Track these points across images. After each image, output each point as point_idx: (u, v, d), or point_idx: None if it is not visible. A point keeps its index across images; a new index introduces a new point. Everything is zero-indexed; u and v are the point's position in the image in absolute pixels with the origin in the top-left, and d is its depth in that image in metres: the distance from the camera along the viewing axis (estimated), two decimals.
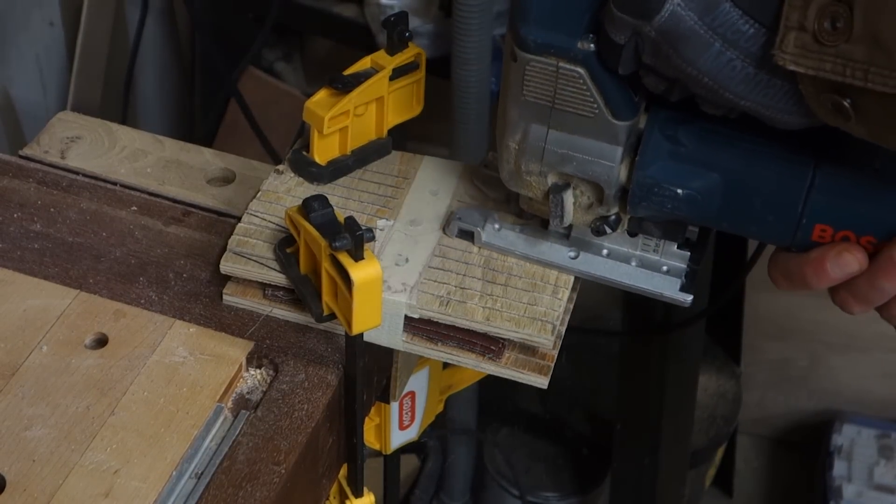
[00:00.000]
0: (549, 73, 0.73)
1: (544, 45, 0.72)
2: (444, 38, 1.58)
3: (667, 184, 0.75)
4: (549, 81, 0.74)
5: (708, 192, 0.75)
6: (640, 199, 0.76)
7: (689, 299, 0.81)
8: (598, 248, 0.83)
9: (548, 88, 0.74)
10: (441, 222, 0.86)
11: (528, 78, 0.74)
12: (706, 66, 0.68)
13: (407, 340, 0.82)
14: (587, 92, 0.73)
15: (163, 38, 2.13)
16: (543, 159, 0.77)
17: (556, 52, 0.72)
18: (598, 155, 0.76)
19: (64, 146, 0.97)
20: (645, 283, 0.82)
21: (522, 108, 0.76)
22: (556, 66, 0.73)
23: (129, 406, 0.78)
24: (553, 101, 0.74)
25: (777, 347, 2.16)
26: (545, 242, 0.83)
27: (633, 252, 0.82)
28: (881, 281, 0.73)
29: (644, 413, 1.74)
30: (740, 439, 2.20)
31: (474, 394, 1.93)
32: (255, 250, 0.84)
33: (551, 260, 0.83)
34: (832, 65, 0.64)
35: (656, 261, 0.82)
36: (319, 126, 0.86)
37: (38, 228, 0.90)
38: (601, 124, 0.74)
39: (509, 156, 0.79)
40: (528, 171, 0.78)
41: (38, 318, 0.83)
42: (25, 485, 0.73)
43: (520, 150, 0.78)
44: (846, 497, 1.96)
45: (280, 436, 0.77)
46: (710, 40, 0.67)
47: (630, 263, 0.82)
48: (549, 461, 2.06)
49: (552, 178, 0.78)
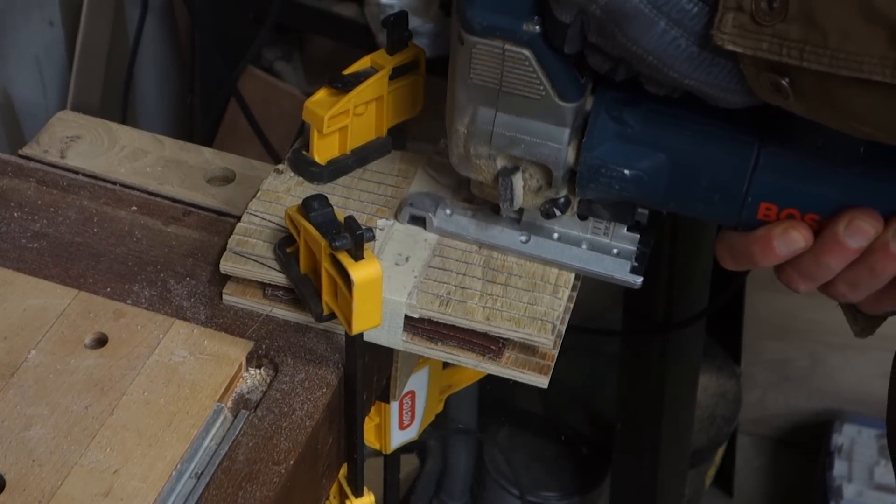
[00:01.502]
0: (496, 56, 0.74)
1: (490, 28, 0.73)
2: (444, 38, 1.57)
3: (613, 164, 0.76)
4: (496, 64, 0.74)
5: (654, 172, 0.76)
6: (588, 180, 0.77)
7: (639, 281, 0.82)
8: (549, 232, 0.83)
9: (494, 71, 0.75)
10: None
11: (475, 61, 0.75)
12: (651, 45, 0.68)
13: (407, 340, 0.82)
14: (533, 74, 0.74)
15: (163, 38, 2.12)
16: (492, 142, 0.78)
17: (501, 35, 0.73)
18: (545, 137, 0.76)
19: (64, 146, 0.97)
20: (595, 265, 0.83)
21: (470, 91, 0.77)
22: (502, 49, 0.73)
23: (128, 406, 0.78)
24: (500, 83, 0.75)
25: (777, 347, 2.16)
26: (496, 227, 0.84)
27: (583, 235, 0.83)
28: (826, 258, 0.74)
29: (644, 413, 1.74)
30: (740, 439, 2.20)
31: (474, 394, 1.93)
32: (254, 250, 0.84)
33: (502, 244, 0.84)
34: (769, 44, 0.65)
35: (606, 243, 0.83)
36: (319, 125, 0.86)
37: (37, 228, 0.90)
38: (548, 106, 0.75)
39: (458, 140, 0.79)
40: (476, 154, 0.79)
41: (37, 318, 0.83)
42: (25, 484, 0.73)
43: (468, 134, 0.78)
44: (846, 497, 1.96)
45: (280, 435, 0.77)
46: (655, 19, 0.67)
47: (580, 246, 0.83)
48: (549, 461, 2.06)
49: (501, 161, 0.79)
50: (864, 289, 0.75)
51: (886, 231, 0.72)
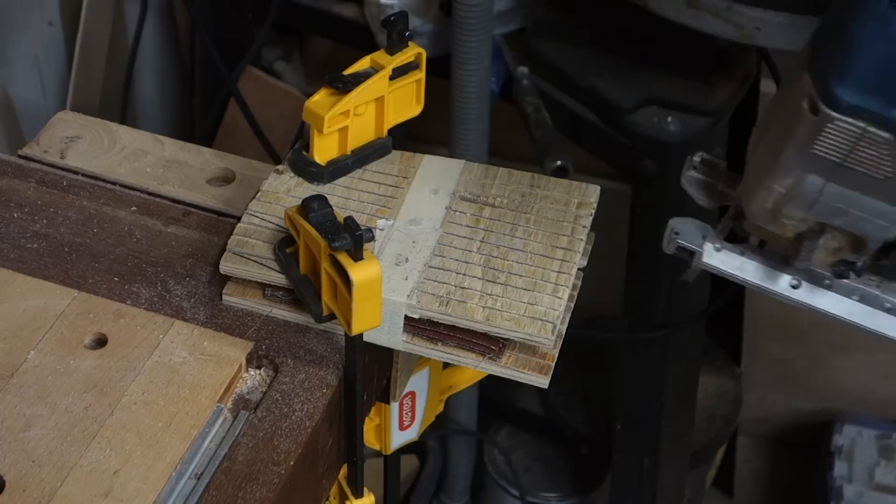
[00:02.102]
0: (853, 135, 0.71)
1: (858, 109, 0.70)
2: (444, 38, 1.57)
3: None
4: (850, 142, 0.71)
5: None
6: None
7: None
8: (821, 279, 0.80)
9: (844, 148, 0.72)
10: (441, 222, 0.86)
11: (827, 135, 0.71)
12: None
13: (407, 341, 0.82)
14: (888, 157, 0.71)
15: (162, 38, 2.12)
16: (813, 209, 0.75)
17: (868, 117, 0.70)
18: (875, 214, 0.74)
19: (63, 146, 0.97)
20: (868, 322, 0.80)
21: (804, 158, 0.73)
22: (863, 130, 0.70)
23: (128, 406, 0.78)
24: (845, 159, 0.72)
25: (777, 347, 2.16)
26: (767, 269, 0.81)
27: (856, 286, 0.80)
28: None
29: (644, 413, 1.74)
30: (740, 439, 2.20)
31: (474, 394, 1.93)
32: (254, 250, 0.84)
33: (773, 289, 0.81)
34: None
35: (878, 297, 0.80)
36: (319, 126, 0.86)
37: (37, 228, 0.90)
38: (890, 186, 0.73)
39: (769, 196, 0.76)
40: (789, 215, 0.76)
41: (37, 319, 0.83)
42: (25, 485, 0.73)
43: (787, 196, 0.75)
44: (847, 497, 1.96)
45: (280, 436, 0.77)
46: None
47: (852, 298, 0.80)
48: (549, 461, 2.06)
49: (811, 224, 0.77)
50: None
51: None
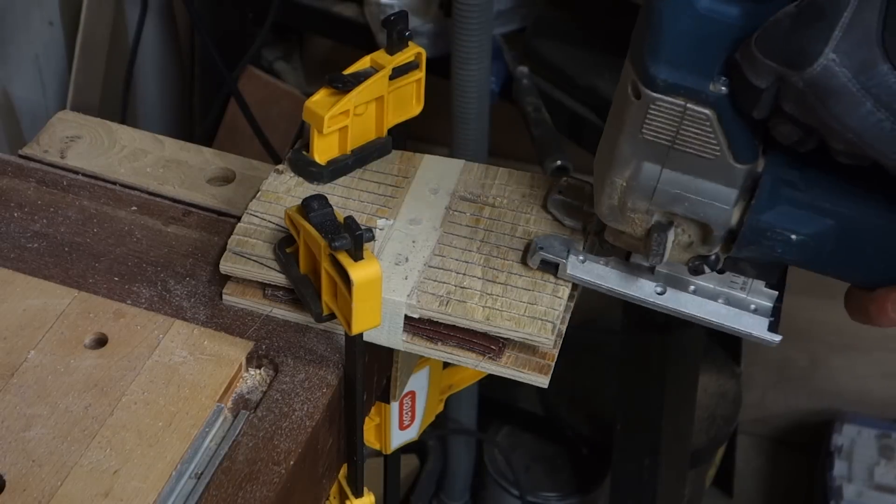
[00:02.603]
0: (675, 114, 0.71)
1: (674, 86, 0.70)
2: (443, 38, 1.57)
3: (781, 228, 0.74)
4: (674, 122, 0.71)
5: (821, 238, 0.74)
6: (750, 242, 0.75)
7: (779, 339, 0.80)
8: (686, 284, 0.81)
9: (670, 128, 0.72)
10: (441, 221, 0.86)
11: (651, 117, 0.72)
12: (853, 124, 0.66)
13: (407, 340, 0.82)
14: (711, 134, 0.71)
15: (162, 38, 2.12)
16: (653, 198, 0.75)
17: (685, 93, 0.70)
18: (712, 197, 0.74)
19: (63, 146, 0.97)
20: (733, 322, 0.80)
21: (638, 145, 0.73)
22: (683, 107, 0.70)
23: (128, 406, 0.78)
24: (674, 141, 0.72)
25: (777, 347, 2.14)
26: (631, 277, 0.81)
27: (720, 289, 0.80)
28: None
29: (644, 413, 1.74)
30: (740, 439, 2.20)
31: (474, 394, 1.93)
32: (254, 250, 0.84)
33: (638, 296, 0.81)
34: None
35: (744, 299, 0.80)
36: (319, 126, 0.86)
37: (37, 228, 0.90)
38: (720, 166, 0.72)
39: (613, 192, 0.76)
40: (633, 208, 0.76)
41: (37, 318, 0.83)
42: (25, 485, 0.73)
43: (628, 188, 0.75)
44: (846, 497, 1.96)
45: (280, 436, 0.77)
46: (862, 99, 0.65)
47: (717, 301, 0.80)
48: (549, 461, 2.06)
49: (657, 216, 0.76)
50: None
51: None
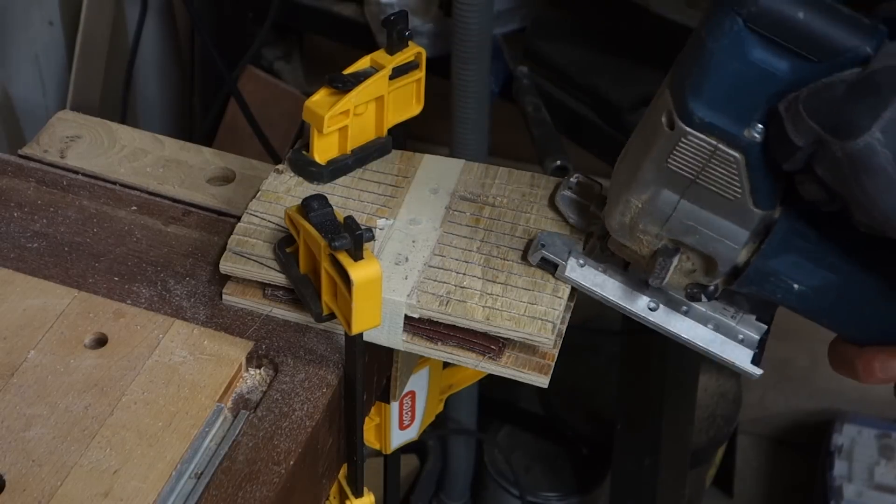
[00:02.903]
0: (705, 151, 0.71)
1: (710, 125, 0.70)
2: (443, 38, 1.57)
3: (785, 276, 0.74)
4: (702, 159, 0.71)
5: (823, 291, 0.74)
6: (752, 282, 0.75)
7: (759, 373, 0.81)
8: (678, 304, 0.81)
9: (697, 164, 0.72)
10: (441, 221, 0.86)
11: (681, 150, 0.72)
12: (883, 205, 0.65)
13: (407, 340, 0.82)
14: (737, 177, 0.71)
15: (162, 38, 2.13)
16: (666, 225, 0.76)
17: (719, 134, 0.70)
18: (724, 235, 0.74)
19: (63, 145, 0.97)
20: (718, 349, 0.80)
21: (661, 173, 0.74)
22: (714, 147, 0.70)
23: (128, 406, 0.78)
24: (697, 176, 0.72)
25: (777, 347, 2.15)
26: (627, 289, 0.82)
27: (711, 314, 0.81)
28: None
29: (644, 413, 1.74)
30: (740, 439, 2.20)
31: (474, 394, 1.93)
32: (254, 250, 0.84)
33: (631, 308, 0.82)
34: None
35: (732, 328, 0.81)
36: (319, 125, 0.86)
37: (37, 228, 0.90)
38: (738, 208, 0.73)
39: (627, 210, 0.77)
40: (644, 230, 0.77)
41: (37, 318, 0.83)
42: (25, 485, 0.73)
43: (643, 210, 0.76)
44: (847, 497, 1.96)
45: (280, 436, 0.77)
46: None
47: (707, 326, 0.81)
48: (549, 461, 2.06)
49: (665, 241, 0.77)
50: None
51: None
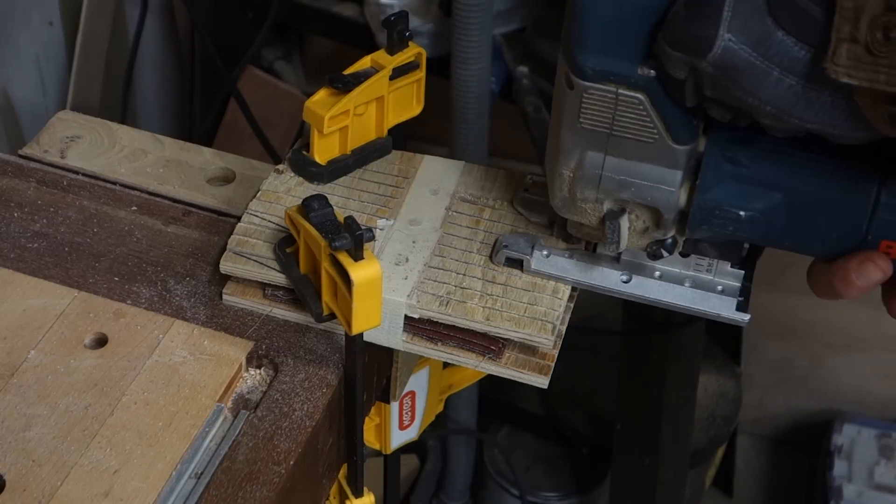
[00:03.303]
0: (608, 101, 0.71)
1: (603, 73, 0.70)
2: (444, 38, 1.58)
3: (729, 206, 0.74)
4: (608, 108, 0.72)
5: (771, 212, 0.74)
6: (701, 222, 0.75)
7: (747, 319, 0.80)
8: (651, 271, 0.81)
9: (606, 115, 0.72)
10: (441, 222, 0.86)
11: (586, 105, 0.72)
12: (767, 95, 0.67)
13: (407, 340, 0.82)
14: (647, 118, 0.72)
15: (163, 38, 2.12)
16: (600, 186, 0.76)
17: (615, 79, 0.70)
18: (657, 180, 0.74)
19: (63, 146, 0.97)
20: (701, 304, 0.80)
21: (578, 135, 0.74)
22: (615, 93, 0.71)
23: (128, 406, 0.78)
24: (611, 127, 0.73)
25: (777, 347, 2.16)
26: (596, 268, 0.82)
27: (686, 273, 0.81)
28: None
29: (644, 413, 1.74)
30: (740, 439, 2.20)
31: (474, 394, 1.93)
32: (254, 250, 0.84)
33: (604, 285, 0.81)
34: (886, 76, 0.63)
35: (710, 280, 0.80)
36: (319, 126, 0.86)
37: (37, 228, 0.90)
38: (661, 149, 0.73)
39: (563, 184, 0.77)
40: (583, 198, 0.77)
41: (37, 318, 0.83)
42: (25, 485, 0.73)
43: (575, 178, 0.76)
44: (846, 497, 1.96)
45: (280, 436, 0.77)
46: (768, 70, 0.66)
47: (684, 284, 0.80)
48: (549, 461, 2.07)
49: (608, 204, 0.77)
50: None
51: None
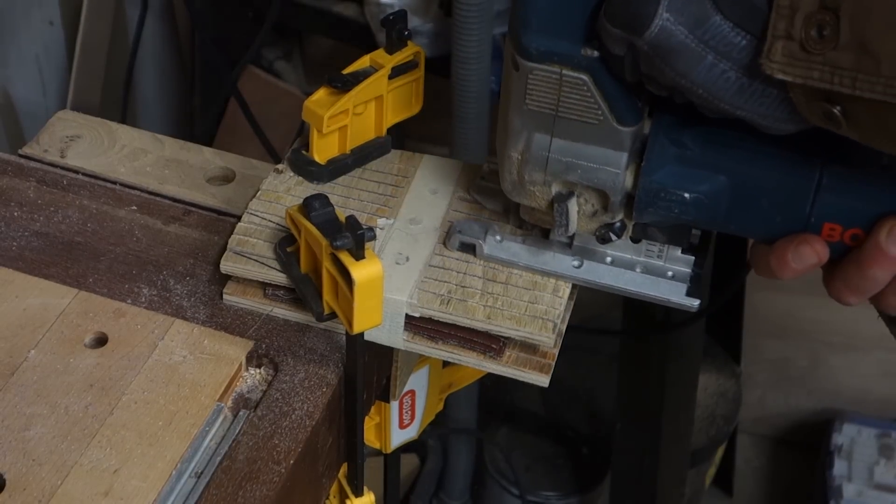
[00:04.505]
0: (553, 81, 0.72)
1: (547, 53, 0.71)
2: (443, 37, 1.57)
3: (673, 188, 0.74)
4: (553, 89, 0.73)
5: (715, 195, 0.74)
6: (647, 204, 0.76)
7: (697, 304, 0.80)
8: (602, 256, 0.82)
9: (551, 97, 0.73)
10: (441, 221, 0.86)
11: (531, 87, 0.73)
12: (699, 79, 0.67)
13: (408, 339, 0.82)
14: (591, 99, 0.72)
15: (163, 38, 2.13)
16: (547, 168, 0.76)
17: (559, 60, 0.71)
18: (603, 162, 0.75)
19: (63, 145, 0.97)
20: (651, 289, 0.81)
21: (525, 117, 0.75)
22: (559, 74, 0.72)
23: (128, 405, 0.78)
24: (556, 109, 0.73)
25: (777, 347, 2.16)
26: (548, 252, 0.82)
27: (637, 258, 0.81)
28: (871, 269, 0.72)
29: (644, 413, 1.74)
30: (740, 439, 2.20)
31: (474, 393, 1.93)
32: (255, 250, 0.84)
33: (555, 270, 0.82)
34: (820, 73, 0.64)
35: (661, 266, 0.81)
36: (319, 125, 0.86)
37: (37, 227, 0.90)
38: (606, 131, 0.73)
39: (511, 166, 0.78)
40: (531, 181, 0.77)
41: (37, 318, 0.83)
42: (25, 484, 0.73)
43: (523, 161, 0.77)
44: (846, 496, 1.96)
45: (280, 435, 0.77)
46: (702, 53, 0.67)
47: (635, 270, 0.81)
48: (549, 461, 2.07)
49: (556, 187, 0.77)
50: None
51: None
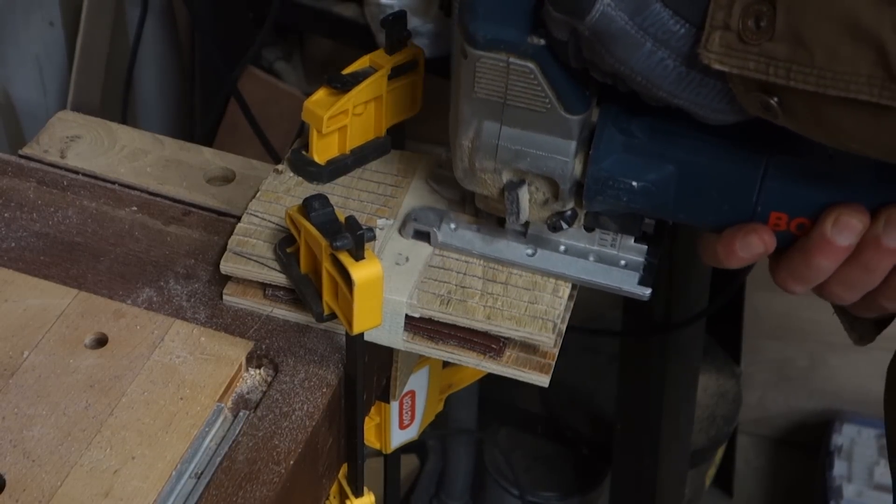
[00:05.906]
0: (500, 69, 0.73)
1: (494, 41, 0.72)
2: (443, 38, 1.57)
3: (621, 177, 0.75)
4: (501, 77, 0.73)
5: (663, 183, 0.75)
6: (596, 192, 0.76)
7: (648, 293, 0.81)
8: (556, 245, 0.83)
9: (499, 84, 0.74)
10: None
11: (480, 74, 0.74)
12: (638, 66, 0.68)
13: (407, 340, 0.82)
14: (539, 87, 0.73)
15: (163, 38, 2.12)
16: (497, 156, 0.77)
17: (506, 48, 0.72)
18: (551, 150, 0.76)
19: (63, 145, 0.97)
20: (603, 277, 0.82)
21: (474, 105, 0.76)
22: (506, 62, 0.72)
23: (128, 406, 0.78)
24: (505, 97, 0.74)
25: (777, 347, 2.16)
26: (503, 241, 0.83)
27: (590, 247, 0.82)
28: (817, 258, 0.73)
29: (644, 413, 1.74)
30: (740, 439, 2.20)
31: (474, 394, 1.93)
32: (255, 250, 0.84)
33: (508, 258, 0.83)
34: (756, 63, 0.65)
35: (614, 255, 0.82)
36: (318, 125, 0.86)
37: (37, 228, 0.90)
38: (554, 119, 0.74)
39: (463, 154, 0.78)
40: (482, 168, 0.78)
41: (37, 318, 0.83)
42: (25, 484, 0.73)
43: (473, 149, 0.77)
44: (846, 497, 1.96)
45: (280, 436, 0.77)
46: (642, 40, 0.67)
47: (588, 259, 0.82)
48: (549, 461, 2.07)
49: (507, 175, 0.78)
50: (858, 288, 0.74)
51: (875, 225, 0.71)
